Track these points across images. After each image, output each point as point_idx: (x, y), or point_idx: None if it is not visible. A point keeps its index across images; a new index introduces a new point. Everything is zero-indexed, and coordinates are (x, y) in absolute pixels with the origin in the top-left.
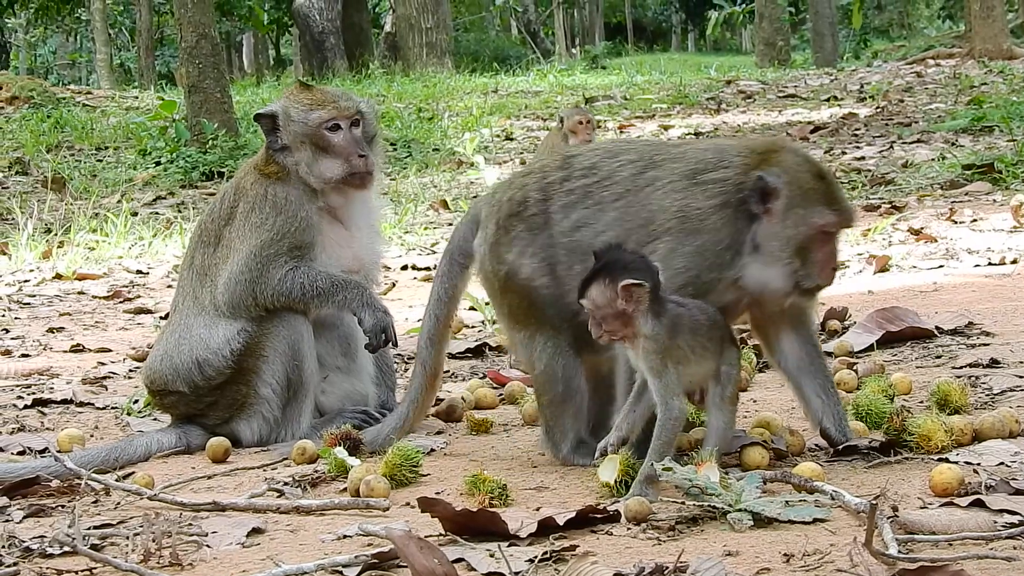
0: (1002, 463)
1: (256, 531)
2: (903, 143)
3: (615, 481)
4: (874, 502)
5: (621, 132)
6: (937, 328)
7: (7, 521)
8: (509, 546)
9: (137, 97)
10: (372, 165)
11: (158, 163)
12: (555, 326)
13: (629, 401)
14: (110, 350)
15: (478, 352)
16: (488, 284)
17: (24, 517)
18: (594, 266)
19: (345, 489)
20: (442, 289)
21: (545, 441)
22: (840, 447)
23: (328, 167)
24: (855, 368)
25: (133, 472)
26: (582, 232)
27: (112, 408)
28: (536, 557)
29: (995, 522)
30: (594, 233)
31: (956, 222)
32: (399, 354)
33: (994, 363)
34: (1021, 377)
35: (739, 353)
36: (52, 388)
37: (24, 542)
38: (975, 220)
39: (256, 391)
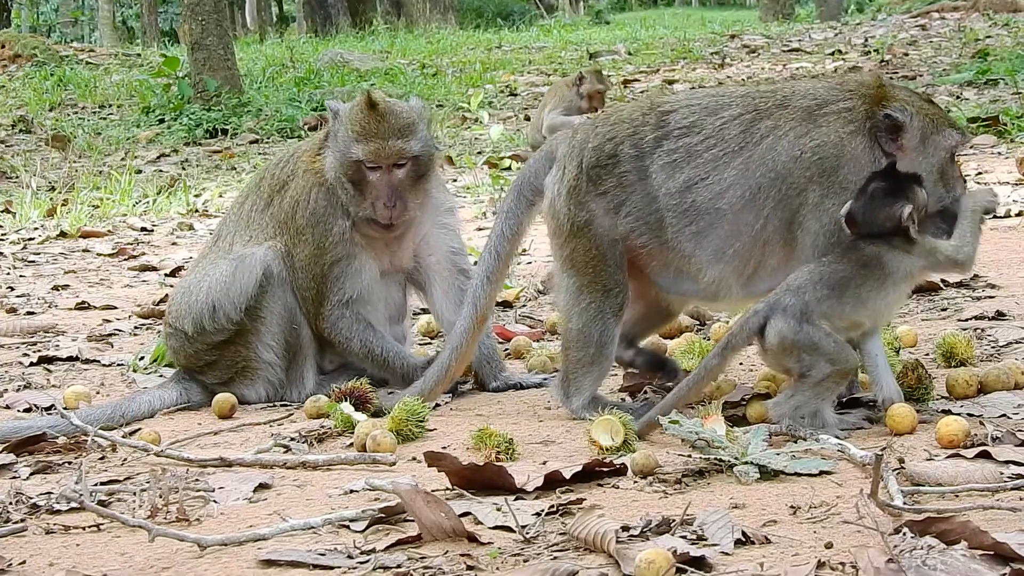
0: (1005, 415)
1: (263, 486)
2: None
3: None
4: (879, 453)
5: (625, 87)
6: (942, 281)
7: (14, 478)
8: (516, 500)
9: (140, 55)
10: (400, 216)
11: (161, 120)
12: (608, 288)
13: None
14: (115, 307)
15: None
16: (556, 224)
17: (31, 474)
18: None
19: (351, 444)
20: (506, 225)
21: (558, 390)
22: (844, 399)
23: (356, 202)
24: None
25: (139, 428)
26: (697, 192)
27: (118, 365)
28: (543, 511)
29: (1001, 473)
30: (713, 193)
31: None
32: None
33: (1000, 315)
34: None
35: None
36: (58, 345)
37: (31, 498)
38: (980, 173)
39: (257, 354)
